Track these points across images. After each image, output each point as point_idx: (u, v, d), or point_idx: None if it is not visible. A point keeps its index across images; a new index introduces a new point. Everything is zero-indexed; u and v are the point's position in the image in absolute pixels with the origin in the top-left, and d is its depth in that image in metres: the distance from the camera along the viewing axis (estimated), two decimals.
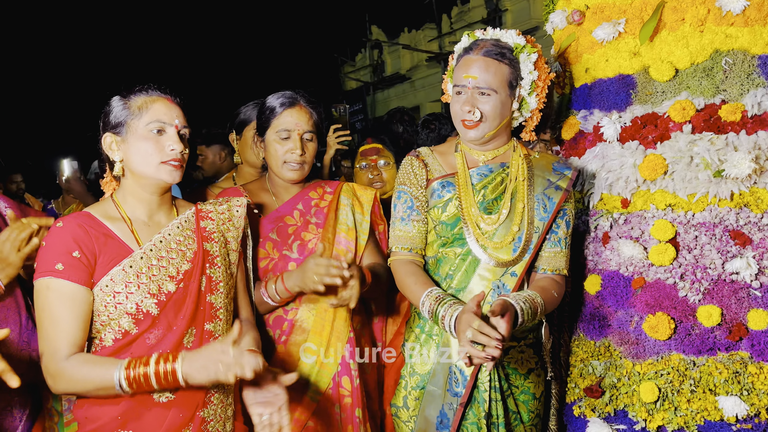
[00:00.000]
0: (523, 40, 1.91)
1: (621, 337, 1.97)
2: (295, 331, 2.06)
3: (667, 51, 1.96)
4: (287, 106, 2.12)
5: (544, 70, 1.92)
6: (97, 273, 1.61)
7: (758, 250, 1.82)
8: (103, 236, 1.64)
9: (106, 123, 1.70)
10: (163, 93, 1.72)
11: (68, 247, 1.59)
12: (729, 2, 1.85)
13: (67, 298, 1.58)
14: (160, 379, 1.52)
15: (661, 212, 1.93)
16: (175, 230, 1.75)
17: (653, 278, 1.92)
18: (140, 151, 1.66)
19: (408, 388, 1.99)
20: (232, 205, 1.90)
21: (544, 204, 1.92)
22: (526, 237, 1.90)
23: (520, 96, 1.91)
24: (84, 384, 1.56)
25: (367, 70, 17.04)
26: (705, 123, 1.89)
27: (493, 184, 1.95)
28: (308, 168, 2.15)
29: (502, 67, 1.86)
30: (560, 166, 1.99)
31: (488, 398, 1.88)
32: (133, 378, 1.52)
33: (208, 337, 1.70)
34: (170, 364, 1.52)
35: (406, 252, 1.98)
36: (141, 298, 1.62)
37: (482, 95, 1.86)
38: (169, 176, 1.69)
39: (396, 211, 2.02)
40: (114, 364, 1.55)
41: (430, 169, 2.01)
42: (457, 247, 1.94)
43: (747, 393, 1.77)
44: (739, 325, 1.81)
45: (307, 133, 2.12)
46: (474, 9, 13.52)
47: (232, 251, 1.85)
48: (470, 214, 1.92)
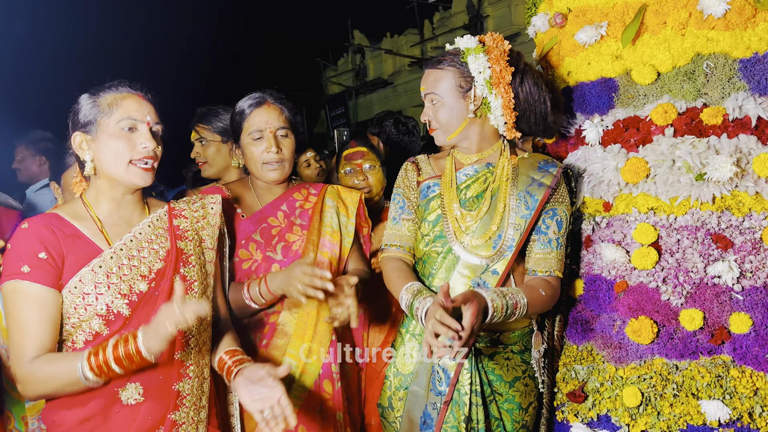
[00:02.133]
0: (473, 43, 1.91)
1: (604, 341, 1.96)
2: (276, 335, 2.03)
3: (649, 54, 1.96)
4: (255, 106, 2.09)
5: (500, 65, 1.87)
6: (66, 274, 1.57)
7: (740, 253, 1.82)
8: (70, 237, 1.60)
9: (75, 122, 1.66)
10: (133, 89, 1.68)
11: (34, 249, 1.55)
12: (710, 6, 1.86)
13: (34, 301, 1.54)
14: (121, 360, 1.48)
15: (644, 216, 1.92)
16: (147, 229, 1.71)
17: (636, 282, 1.91)
18: (111, 149, 1.62)
19: (392, 389, 1.99)
20: (207, 203, 1.87)
21: (526, 201, 1.90)
22: (507, 234, 1.89)
23: (477, 96, 1.90)
24: (51, 382, 1.52)
25: (349, 74, 17.02)
26: (687, 126, 1.89)
27: (476, 183, 1.96)
28: (289, 167, 2.12)
29: (445, 73, 1.92)
30: (546, 164, 1.96)
31: (468, 401, 1.86)
32: (96, 366, 1.48)
33: (179, 337, 1.66)
34: (131, 343, 1.48)
35: (395, 249, 2.02)
36: (111, 299, 1.58)
37: (432, 103, 1.96)
38: (140, 179, 1.65)
39: (390, 213, 2.07)
40: (77, 356, 1.51)
41: (422, 172, 2.07)
42: (439, 245, 1.95)
43: (729, 397, 1.76)
44: (722, 328, 1.81)
45: (281, 130, 2.09)
46: (456, 15, 13.56)
47: (207, 249, 1.81)
48: (450, 209, 1.95)
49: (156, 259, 1.67)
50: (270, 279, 1.94)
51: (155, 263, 1.67)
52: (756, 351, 1.78)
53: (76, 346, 1.58)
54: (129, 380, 1.59)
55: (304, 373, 2.00)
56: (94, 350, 1.50)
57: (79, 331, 1.58)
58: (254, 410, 1.58)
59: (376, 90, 16.20)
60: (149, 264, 1.66)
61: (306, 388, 2.00)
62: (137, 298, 1.61)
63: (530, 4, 2.34)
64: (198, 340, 1.72)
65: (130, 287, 1.61)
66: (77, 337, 1.58)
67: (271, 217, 2.11)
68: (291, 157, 2.12)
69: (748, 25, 1.87)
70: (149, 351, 1.48)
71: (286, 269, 1.94)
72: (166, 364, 1.64)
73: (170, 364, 1.65)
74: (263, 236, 2.07)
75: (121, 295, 1.59)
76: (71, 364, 1.50)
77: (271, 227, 2.09)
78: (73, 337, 1.59)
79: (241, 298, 1.97)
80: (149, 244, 1.69)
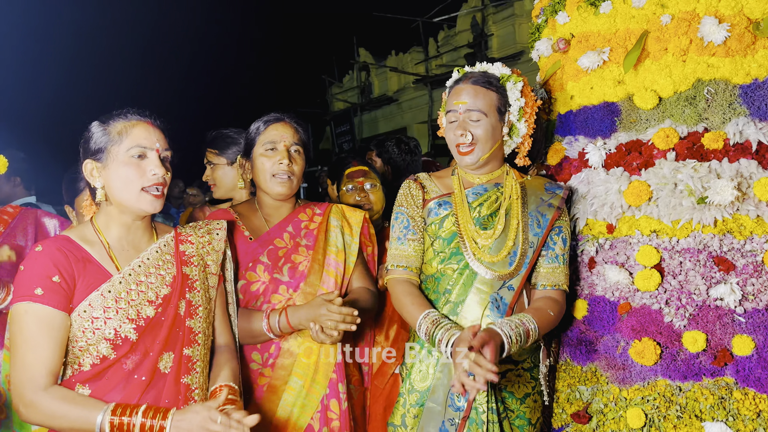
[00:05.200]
0: (509, 71, 2.00)
1: (607, 362, 1.97)
2: (282, 354, 2.04)
3: (651, 80, 2.00)
4: (273, 122, 2.14)
5: (530, 97, 2.00)
6: (76, 298, 1.59)
7: (742, 276, 1.84)
8: (82, 260, 1.62)
9: (86, 149, 1.68)
10: (142, 117, 1.69)
11: (48, 272, 1.56)
12: (710, 33, 1.89)
13: (46, 324, 1.54)
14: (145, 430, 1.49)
15: (646, 238, 1.95)
16: (154, 254, 1.73)
17: (639, 303, 1.93)
18: (121, 177, 1.64)
19: (407, 406, 1.98)
20: (212, 229, 1.89)
21: (537, 220, 1.99)
22: (521, 251, 1.95)
23: (510, 122, 1.99)
24: (60, 421, 1.51)
25: (354, 91, 17.12)
26: (688, 150, 1.92)
27: (488, 201, 2.01)
28: (297, 183, 2.15)
29: (490, 94, 1.95)
30: (552, 187, 2.07)
31: (486, 419, 1.88)
32: (117, 425, 1.48)
33: (186, 362, 1.68)
34: (159, 420, 1.49)
35: (402, 270, 2.01)
36: (119, 323, 1.59)
37: (473, 120, 1.94)
38: (150, 206, 1.67)
39: (393, 232, 2.07)
40: (97, 407, 1.51)
41: (427, 191, 2.07)
42: (454, 262, 1.97)
43: (733, 419, 1.77)
44: (724, 350, 1.82)
45: (294, 146, 2.13)
46: (460, 33, 13.66)
47: (211, 275, 1.83)
48: (467, 230, 1.97)
49: (162, 285, 1.69)
50: (291, 313, 1.97)
51: (162, 289, 1.69)
52: (759, 373, 1.79)
53: (83, 369, 1.59)
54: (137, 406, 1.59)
55: (310, 392, 2.02)
56: (121, 410, 1.50)
57: (86, 354, 1.59)
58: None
59: (381, 107, 16.29)
60: (156, 289, 1.67)
61: (312, 407, 2.01)
62: (144, 323, 1.63)
63: (533, 29, 2.39)
64: (203, 364, 1.74)
65: (137, 312, 1.62)
66: (84, 360, 1.59)
67: (277, 239, 2.14)
68: (300, 175, 2.15)
69: (748, 51, 1.90)
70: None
71: (309, 305, 1.96)
72: (173, 388, 1.65)
73: (177, 388, 1.66)
74: (270, 258, 2.09)
75: (128, 320, 1.61)
76: (90, 414, 1.50)
77: (277, 249, 2.12)
78: (79, 360, 1.59)
79: (257, 327, 1.98)
80: (156, 269, 1.70)
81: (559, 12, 2.21)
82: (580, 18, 2.13)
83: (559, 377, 2.11)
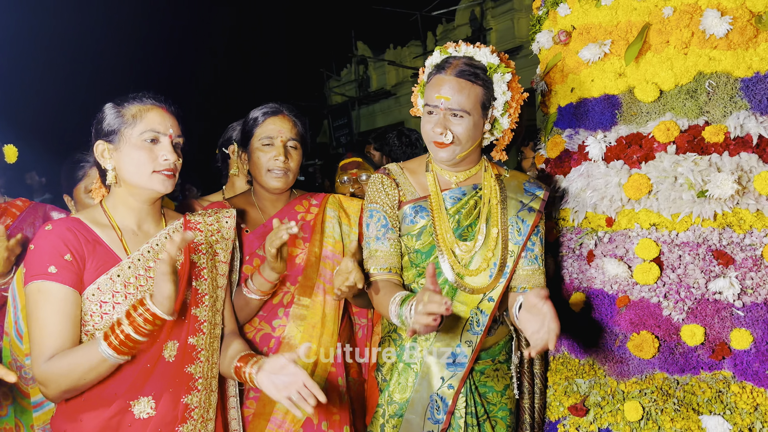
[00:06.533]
0: (497, 59, 1.87)
1: (605, 355, 1.97)
2: (282, 348, 2.04)
3: (652, 72, 1.99)
4: (270, 114, 2.13)
5: (517, 90, 1.89)
6: (86, 278, 1.58)
7: (741, 270, 1.83)
8: (92, 242, 1.62)
9: (98, 130, 1.68)
10: (157, 102, 1.70)
11: (60, 250, 1.56)
12: (712, 26, 1.89)
13: (59, 301, 1.54)
14: (141, 329, 1.49)
15: (646, 231, 1.94)
16: (164, 240, 1.72)
17: (637, 297, 1.93)
18: (133, 160, 1.64)
19: (386, 417, 1.96)
20: (221, 217, 1.88)
21: (518, 227, 1.93)
22: (501, 261, 1.91)
23: (492, 116, 1.90)
24: (72, 373, 1.50)
25: (352, 85, 17.08)
26: (689, 144, 1.92)
27: (467, 208, 1.94)
28: (293, 177, 2.15)
29: (476, 89, 1.83)
30: (531, 186, 2.00)
31: (464, 424, 1.88)
32: (118, 342, 1.48)
33: (190, 351, 1.67)
34: (143, 311, 1.49)
35: (385, 272, 1.93)
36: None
37: (455, 117, 1.84)
38: (162, 185, 1.67)
39: (369, 231, 1.96)
40: (92, 342, 1.51)
41: (403, 191, 1.97)
42: None
43: (730, 412, 1.78)
44: (722, 344, 1.82)
45: (291, 141, 2.12)
46: (459, 27, 13.62)
47: (221, 263, 1.82)
48: (445, 242, 1.90)
49: None
50: (261, 268, 1.97)
51: None
52: (756, 367, 1.79)
53: None
54: (142, 393, 1.59)
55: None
56: (109, 331, 1.50)
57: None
58: (281, 398, 1.57)
59: (378, 101, 16.26)
60: None
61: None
62: None
63: (534, 21, 2.38)
64: (208, 353, 1.73)
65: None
66: None
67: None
68: (296, 169, 2.15)
69: (750, 45, 1.90)
70: (165, 312, 1.49)
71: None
72: (177, 377, 1.65)
73: (180, 377, 1.66)
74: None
75: None
76: (90, 350, 1.50)
77: None
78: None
79: (243, 299, 1.98)
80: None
81: (560, 4, 2.20)
82: (582, 10, 2.12)
83: (556, 370, 2.11)
